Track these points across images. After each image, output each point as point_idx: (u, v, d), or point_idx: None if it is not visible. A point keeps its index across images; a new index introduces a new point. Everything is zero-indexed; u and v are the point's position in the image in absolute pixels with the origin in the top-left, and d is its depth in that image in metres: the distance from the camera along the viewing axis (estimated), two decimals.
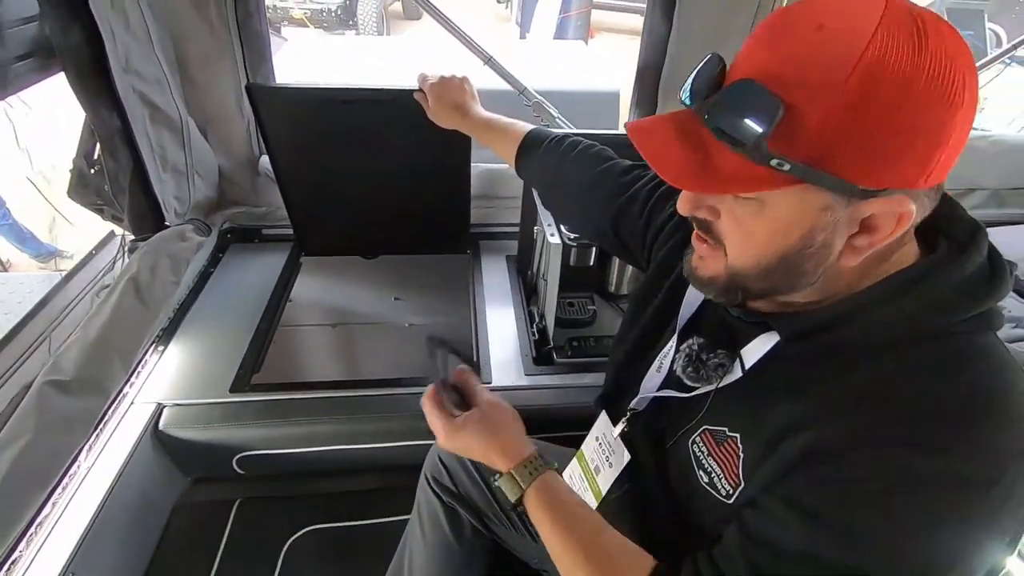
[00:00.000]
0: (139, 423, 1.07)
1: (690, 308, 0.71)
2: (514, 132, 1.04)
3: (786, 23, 0.46)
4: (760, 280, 0.55)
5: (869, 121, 0.43)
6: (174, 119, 1.27)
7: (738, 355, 0.61)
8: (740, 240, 0.54)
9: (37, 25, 1.05)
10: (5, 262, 2.99)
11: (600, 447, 0.80)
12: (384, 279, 1.51)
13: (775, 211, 0.50)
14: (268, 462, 1.17)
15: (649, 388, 0.72)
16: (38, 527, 0.88)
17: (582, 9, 5.42)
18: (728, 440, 0.60)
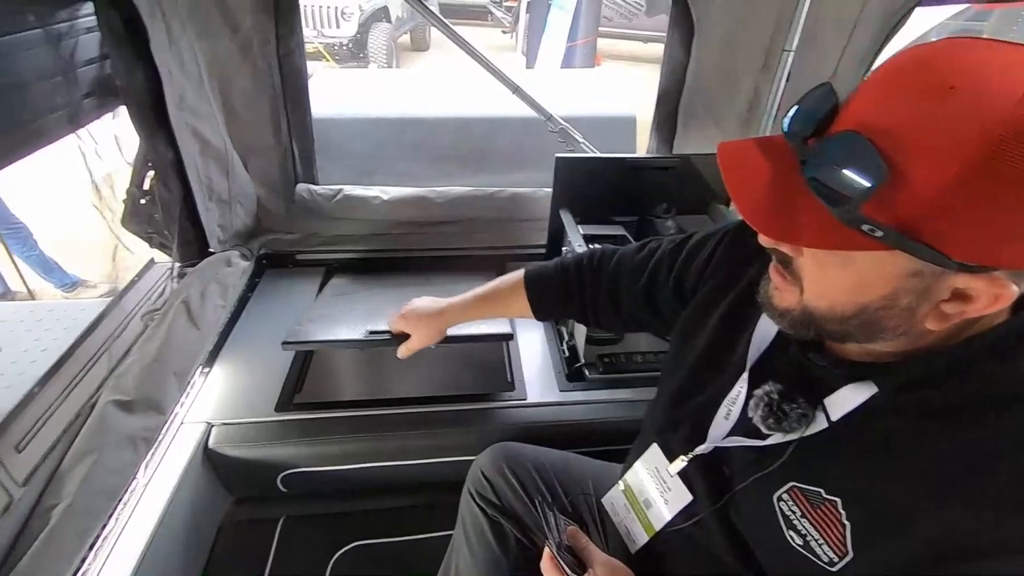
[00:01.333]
0: (191, 442, 1.11)
1: (759, 348, 0.67)
2: (510, 289, 1.02)
3: (912, 76, 0.43)
4: (834, 324, 0.53)
5: (988, 197, 0.39)
6: (221, 151, 1.34)
7: (820, 404, 0.58)
8: (818, 283, 0.52)
9: (98, 66, 1.13)
10: (33, 292, 3.06)
11: (652, 480, 0.78)
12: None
13: (860, 268, 0.48)
14: (312, 480, 1.20)
15: (717, 436, 0.68)
16: (104, 540, 0.91)
17: (588, 38, 5.58)
18: (825, 504, 0.56)
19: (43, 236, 3.11)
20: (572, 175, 1.37)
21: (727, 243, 0.80)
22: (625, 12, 8.06)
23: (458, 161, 1.76)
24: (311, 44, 6.90)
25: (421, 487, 1.26)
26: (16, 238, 2.99)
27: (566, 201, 1.42)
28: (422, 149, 1.77)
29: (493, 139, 1.77)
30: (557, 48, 5.50)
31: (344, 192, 1.60)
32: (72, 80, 1.00)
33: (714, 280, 0.78)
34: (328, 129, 1.65)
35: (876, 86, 0.45)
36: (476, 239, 1.70)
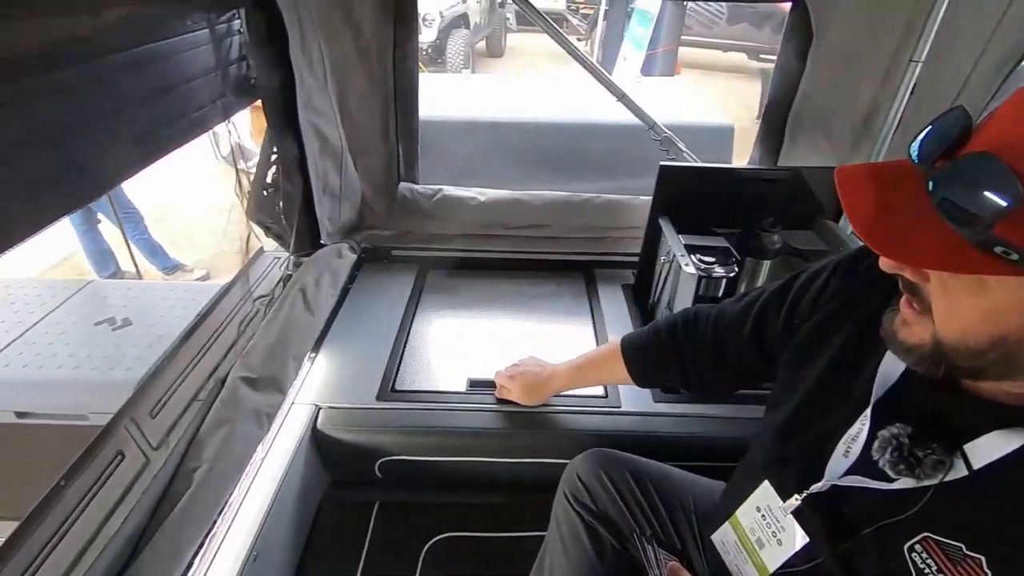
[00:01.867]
0: (302, 422, 1.17)
1: (884, 385, 0.62)
2: (610, 357, 1.07)
3: None
4: (967, 359, 0.50)
5: None
6: (337, 149, 1.41)
7: (960, 451, 0.53)
8: (948, 313, 0.50)
9: (238, 66, 1.22)
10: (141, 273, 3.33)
11: (764, 520, 0.74)
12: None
13: (994, 296, 0.46)
14: (407, 468, 1.24)
15: (835, 473, 0.64)
16: (230, 506, 0.97)
17: (669, 46, 5.50)
18: (967, 560, 0.51)
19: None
20: (675, 184, 1.36)
21: (842, 273, 0.76)
22: (705, 20, 7.88)
23: (553, 166, 1.77)
24: None
25: (512, 485, 1.27)
26: (130, 222, 3.26)
27: (666, 209, 1.41)
28: (518, 152, 1.80)
29: (589, 145, 1.77)
30: (636, 56, 5.45)
31: (443, 192, 1.65)
32: (225, 76, 1.09)
33: (827, 309, 0.75)
34: (429, 131, 1.70)
35: (1015, 108, 0.43)
36: (566, 244, 1.72)
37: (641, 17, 5.49)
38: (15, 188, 0.69)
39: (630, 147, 1.77)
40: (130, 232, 3.27)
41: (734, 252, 1.34)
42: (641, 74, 5.26)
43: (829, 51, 1.38)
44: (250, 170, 1.45)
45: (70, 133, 0.77)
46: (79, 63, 0.77)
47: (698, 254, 1.31)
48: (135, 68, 0.90)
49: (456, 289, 1.63)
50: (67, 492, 0.83)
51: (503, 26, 9.12)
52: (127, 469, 0.93)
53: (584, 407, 1.24)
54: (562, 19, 9.81)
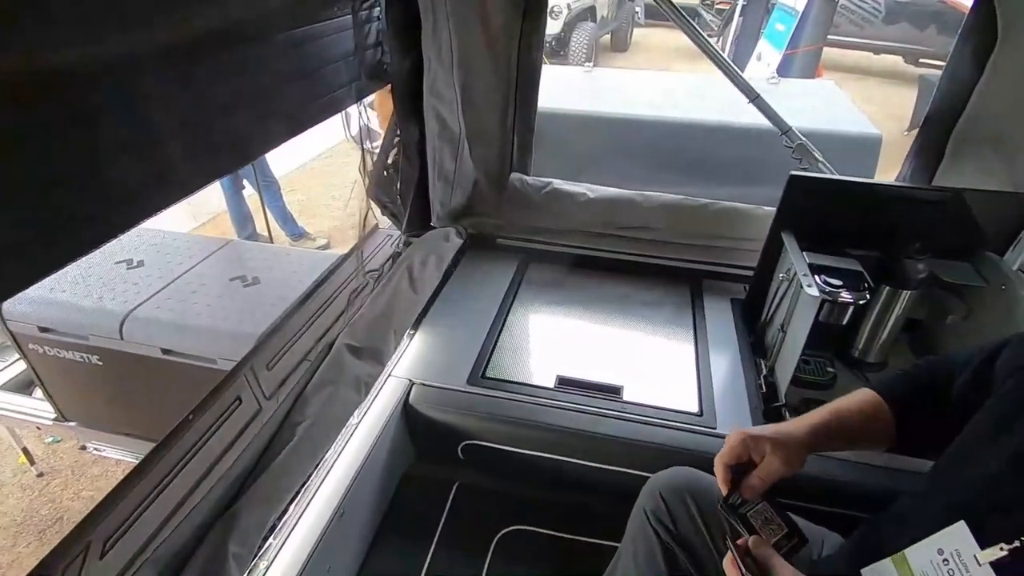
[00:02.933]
0: (396, 395, 1.23)
1: None
2: (862, 413, 0.85)
3: None
4: None
5: None
6: (455, 135, 1.45)
7: None
8: None
9: (372, 52, 1.29)
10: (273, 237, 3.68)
11: (945, 564, 0.66)
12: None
13: None
14: (489, 454, 1.25)
15: None
16: (325, 463, 1.04)
17: (813, 45, 5.06)
18: None
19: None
20: (805, 196, 1.24)
21: None
22: (857, 19, 7.15)
23: (670, 167, 1.70)
24: None
25: (589, 489, 1.25)
26: (268, 190, 3.60)
27: (791, 223, 1.29)
28: (635, 150, 1.74)
29: (712, 148, 1.68)
30: (773, 55, 5.07)
31: (553, 185, 1.64)
32: (362, 61, 1.15)
33: None
34: (546, 123, 1.70)
35: None
36: (674, 250, 1.64)
37: (783, 13, 5.09)
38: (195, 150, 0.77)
39: (757, 153, 1.65)
40: (268, 199, 3.60)
41: (867, 278, 1.20)
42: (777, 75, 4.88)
43: (1017, 58, 1.18)
44: (375, 151, 1.53)
45: (235, 106, 0.85)
46: (244, 44, 0.85)
47: (824, 275, 1.19)
48: (288, 50, 0.98)
49: (556, 284, 1.62)
50: (193, 426, 0.93)
51: (631, 20, 8.89)
52: (243, 413, 1.03)
53: (675, 421, 1.18)
54: (695, 14, 9.38)
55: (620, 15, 8.57)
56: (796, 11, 4.91)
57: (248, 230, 3.70)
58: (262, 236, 3.67)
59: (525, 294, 1.58)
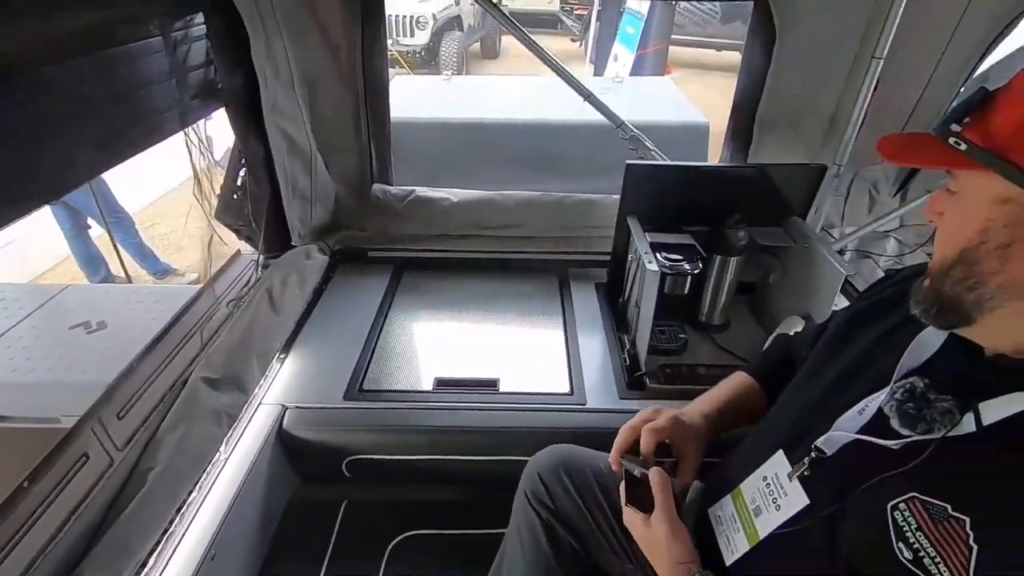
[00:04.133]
0: (267, 422, 1.18)
1: (916, 358, 0.63)
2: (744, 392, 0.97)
3: None
4: (946, 279, 0.55)
5: None
6: (305, 151, 1.42)
7: (973, 407, 0.53)
8: (939, 236, 0.58)
9: (204, 71, 1.23)
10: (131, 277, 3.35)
11: (768, 487, 0.74)
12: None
13: (961, 199, 0.54)
14: (374, 466, 1.24)
15: (847, 428, 0.64)
16: (188, 506, 0.98)
17: (660, 45, 5.50)
18: (951, 521, 0.51)
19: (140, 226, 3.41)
20: (642, 183, 1.36)
21: (870, 289, 0.82)
22: (699, 19, 7.89)
23: (527, 166, 1.78)
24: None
25: (478, 483, 1.28)
26: (119, 226, 3.27)
27: (634, 209, 1.41)
28: (492, 153, 1.81)
29: (563, 145, 1.78)
30: (627, 55, 5.45)
31: (416, 193, 1.66)
32: (183, 83, 1.10)
33: (860, 305, 0.79)
34: (403, 132, 1.71)
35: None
36: (540, 244, 1.72)
37: (631, 17, 5.49)
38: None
39: (604, 146, 1.77)
40: (120, 236, 3.28)
41: (700, 250, 1.34)
42: (631, 74, 5.26)
43: (793, 49, 1.38)
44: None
45: (28, 135, 0.78)
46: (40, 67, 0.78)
47: (663, 252, 1.31)
48: (93, 73, 0.91)
49: (430, 289, 1.64)
50: (30, 493, 0.84)
51: (498, 28, 9.14)
52: (93, 470, 0.94)
53: (549, 404, 1.25)
54: (556, 20, 9.82)
55: (487, 23, 8.78)
56: (642, 14, 5.33)
57: (101, 273, 3.35)
58: (119, 277, 3.33)
59: (400, 303, 1.58)
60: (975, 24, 1.30)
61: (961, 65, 1.35)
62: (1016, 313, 0.51)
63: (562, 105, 1.95)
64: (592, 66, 6.59)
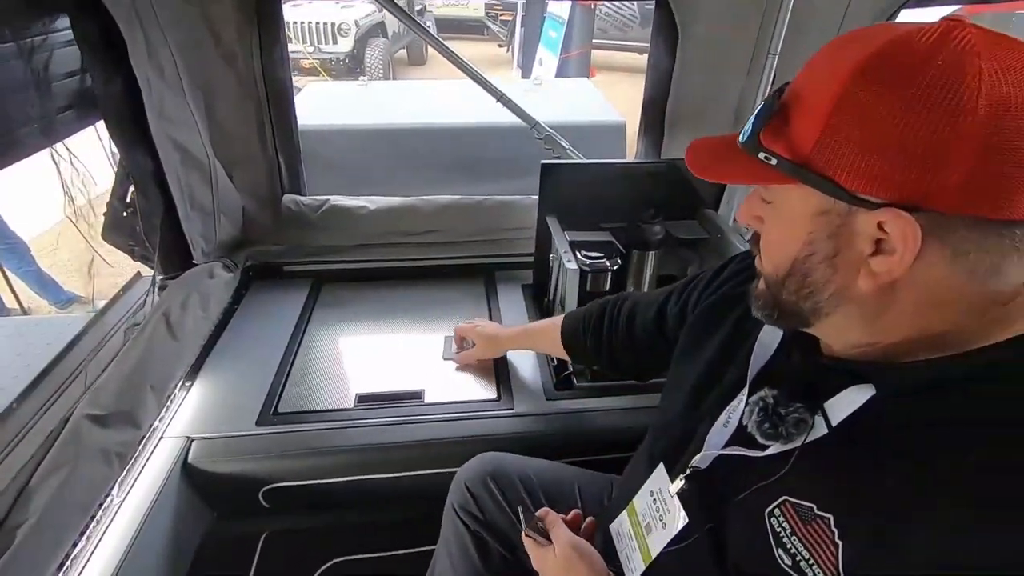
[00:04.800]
0: (169, 456, 1.09)
1: (761, 359, 0.65)
2: (551, 327, 1.14)
3: (828, 44, 0.50)
4: (781, 289, 0.54)
5: (862, 112, 0.43)
6: (202, 161, 1.33)
7: (820, 408, 0.55)
8: (765, 246, 0.56)
9: (79, 79, 1.13)
10: (27, 308, 3.06)
11: (654, 503, 0.74)
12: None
13: (781, 211, 0.52)
14: (294, 494, 1.17)
15: (715, 444, 0.65)
16: (74, 559, 0.88)
17: (582, 49, 5.61)
18: (818, 521, 0.52)
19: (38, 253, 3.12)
20: (558, 182, 1.36)
21: (730, 269, 0.81)
22: (619, 24, 8.13)
23: (446, 170, 1.75)
24: (307, 60, 6.96)
25: (406, 500, 1.23)
26: (13, 254, 2.99)
27: (553, 208, 1.41)
28: (411, 159, 1.76)
29: (483, 148, 1.76)
30: (551, 59, 5.53)
31: (330, 203, 1.59)
32: (46, 93, 0.99)
33: (712, 299, 0.79)
34: (314, 140, 1.64)
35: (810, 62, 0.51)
36: (464, 248, 1.69)
37: (553, 22, 5.58)
38: None
39: (524, 148, 1.77)
40: (13, 265, 2.99)
41: (618, 246, 1.36)
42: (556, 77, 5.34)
43: (695, 47, 1.43)
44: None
45: None
46: None
47: (583, 250, 1.32)
48: None
49: (350, 302, 1.57)
50: None
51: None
52: None
53: (476, 411, 1.22)
54: (483, 26, 9.87)
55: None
56: (563, 19, 5.42)
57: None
58: (13, 310, 3.04)
59: (319, 318, 1.51)
60: (858, 21, 1.38)
61: None
62: (846, 316, 0.52)
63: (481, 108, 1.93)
64: (520, 70, 6.66)
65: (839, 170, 0.45)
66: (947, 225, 0.43)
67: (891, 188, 0.43)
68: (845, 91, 0.44)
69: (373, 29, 7.53)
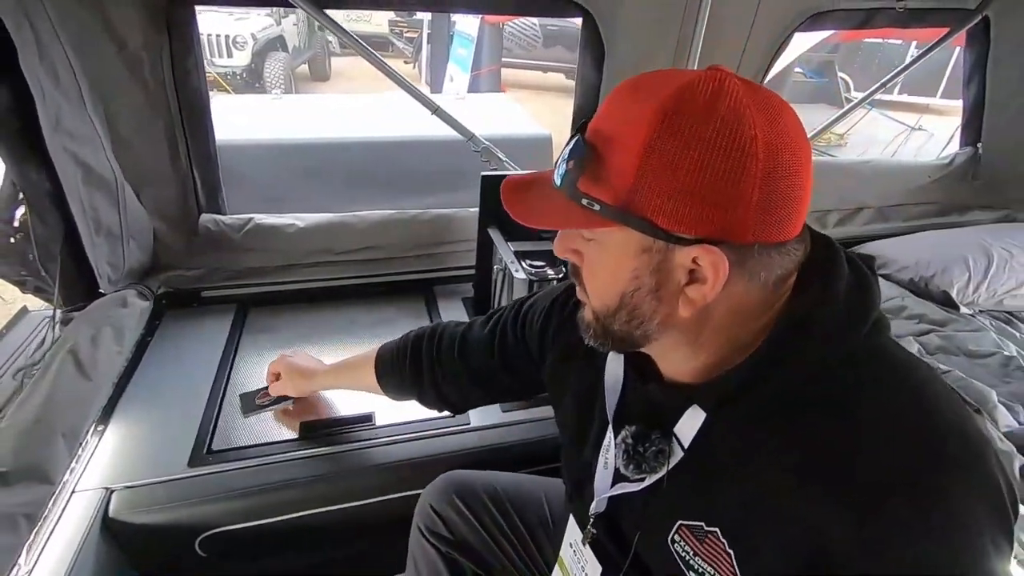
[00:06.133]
0: (86, 512, 0.95)
1: (614, 395, 0.68)
2: (366, 364, 1.05)
3: (618, 89, 0.54)
4: (612, 320, 0.57)
5: (670, 159, 0.47)
6: (108, 180, 1.20)
7: (672, 434, 0.59)
8: (590, 281, 0.58)
9: None
10: None
11: (575, 555, 0.75)
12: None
13: (606, 250, 0.54)
14: (237, 539, 1.06)
15: (602, 488, 0.67)
16: None
17: (492, 67, 5.72)
18: (709, 537, 0.55)
19: None
20: (498, 193, 1.36)
21: (560, 305, 0.81)
22: (524, 44, 8.37)
23: (378, 185, 1.70)
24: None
25: (367, 530, 1.16)
26: None
27: (494, 219, 1.41)
28: (338, 174, 1.69)
29: (414, 161, 1.73)
30: (462, 76, 5.58)
31: (255, 221, 1.49)
32: None
33: (560, 341, 0.79)
34: (235, 156, 1.53)
35: (602, 104, 0.55)
36: (402, 264, 1.65)
37: (462, 39, 5.65)
38: None
39: (457, 160, 1.76)
40: None
41: None
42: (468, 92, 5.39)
43: (620, 62, 1.50)
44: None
45: None
46: None
47: (527, 260, 1.33)
48: None
49: (283, 326, 1.47)
50: None
51: (326, 49, 8.81)
52: None
53: (432, 430, 1.18)
54: (387, 43, 9.76)
55: (314, 43, 8.42)
56: (472, 36, 5.50)
57: None
58: None
59: (248, 346, 1.40)
60: (760, 41, 1.53)
61: (754, 75, 1.58)
62: (673, 340, 0.56)
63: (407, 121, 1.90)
64: (428, 86, 6.65)
65: (655, 212, 0.48)
66: (745, 252, 0.49)
67: (699, 226, 0.48)
68: (652, 137, 0.47)
69: (271, 43, 7.21)
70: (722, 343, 0.55)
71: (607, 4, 1.42)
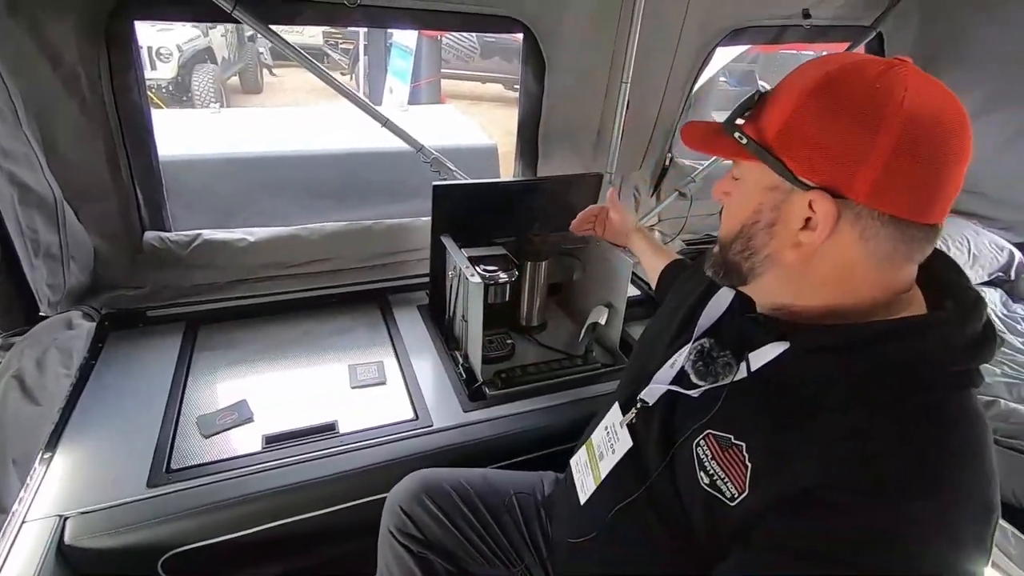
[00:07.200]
0: (39, 542, 0.92)
1: (710, 318, 0.77)
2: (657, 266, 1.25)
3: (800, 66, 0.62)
4: (729, 249, 0.67)
5: (816, 118, 0.56)
6: (47, 199, 1.16)
7: (745, 357, 0.67)
8: (726, 213, 0.69)
9: None
10: None
11: (607, 435, 0.86)
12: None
13: (744, 183, 0.65)
14: (202, 556, 1.05)
15: (660, 380, 0.77)
16: None
17: (432, 78, 5.75)
18: (733, 448, 0.64)
19: None
20: (450, 202, 1.41)
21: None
22: (462, 55, 8.45)
23: (329, 197, 1.71)
24: None
25: (335, 538, 1.16)
26: None
27: (446, 227, 1.45)
28: (288, 187, 1.69)
29: (365, 173, 1.75)
30: (401, 88, 5.59)
31: (203, 237, 1.47)
32: None
33: (686, 276, 0.98)
34: (179, 172, 1.51)
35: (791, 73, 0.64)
36: (355, 275, 1.66)
37: (400, 51, 5.66)
38: None
39: (405, 171, 1.79)
40: None
41: (512, 259, 1.44)
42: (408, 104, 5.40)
43: (560, 75, 1.58)
44: None
45: None
46: None
47: (481, 264, 1.38)
48: None
49: (237, 342, 1.45)
50: None
51: (257, 61, 8.56)
52: None
53: (396, 434, 1.20)
54: (322, 54, 9.59)
55: (244, 55, 8.17)
56: (410, 48, 5.52)
57: None
58: None
59: (202, 363, 1.37)
60: (687, 55, 1.65)
61: (682, 85, 1.70)
62: (775, 279, 0.66)
63: (353, 133, 1.92)
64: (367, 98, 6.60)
65: (789, 156, 0.58)
66: (859, 212, 0.56)
67: (823, 176, 0.57)
68: (804, 98, 0.57)
69: (199, 54, 6.93)
70: (820, 297, 0.63)
71: (546, 22, 1.51)
